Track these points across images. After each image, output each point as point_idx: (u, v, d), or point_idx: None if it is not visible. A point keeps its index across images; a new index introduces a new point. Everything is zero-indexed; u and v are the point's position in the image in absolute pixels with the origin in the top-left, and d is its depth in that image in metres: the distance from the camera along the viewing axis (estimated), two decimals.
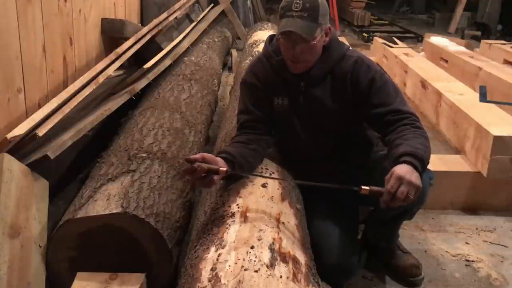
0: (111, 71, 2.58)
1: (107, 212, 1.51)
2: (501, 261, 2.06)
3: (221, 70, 4.11)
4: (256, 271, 1.18)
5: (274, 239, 1.35)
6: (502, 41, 5.67)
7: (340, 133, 1.82)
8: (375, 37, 6.22)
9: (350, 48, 1.82)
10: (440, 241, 2.20)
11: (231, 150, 1.62)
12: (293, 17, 1.61)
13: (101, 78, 2.44)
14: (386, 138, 1.66)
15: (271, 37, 1.87)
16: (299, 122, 1.81)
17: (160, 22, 3.63)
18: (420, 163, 1.46)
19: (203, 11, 5.23)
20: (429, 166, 1.84)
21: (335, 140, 1.83)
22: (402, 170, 1.42)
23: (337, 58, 1.74)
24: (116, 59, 2.73)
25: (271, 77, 1.80)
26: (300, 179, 1.79)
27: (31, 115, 1.95)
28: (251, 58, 3.56)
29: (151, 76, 2.74)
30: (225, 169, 1.48)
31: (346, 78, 1.73)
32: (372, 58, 5.00)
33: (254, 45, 3.95)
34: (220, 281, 1.16)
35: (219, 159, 1.55)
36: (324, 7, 1.65)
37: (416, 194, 1.42)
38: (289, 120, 1.82)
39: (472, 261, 2.05)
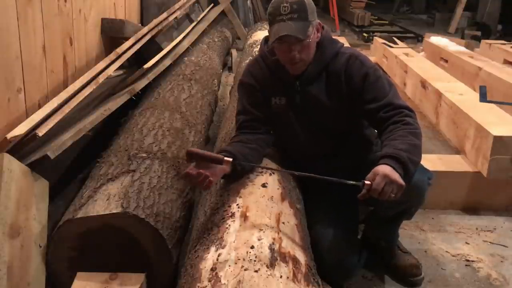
0: (111, 71, 2.57)
1: (107, 212, 1.52)
2: (501, 261, 2.06)
3: (221, 70, 4.12)
4: (256, 271, 1.18)
5: (274, 239, 1.35)
6: (502, 41, 5.66)
7: (337, 131, 1.82)
8: (375, 37, 6.23)
9: (344, 45, 1.83)
10: (440, 241, 2.20)
11: (231, 149, 1.63)
12: (284, 21, 1.62)
13: (101, 78, 2.43)
14: (381, 139, 1.67)
15: (266, 38, 1.88)
16: (297, 121, 1.81)
17: (160, 22, 3.63)
18: (400, 165, 1.47)
19: (203, 11, 5.23)
20: (429, 166, 1.85)
21: (333, 139, 1.83)
22: (385, 169, 1.44)
23: (330, 55, 1.75)
24: (116, 59, 2.73)
25: (268, 77, 1.80)
26: (299, 177, 1.80)
27: (31, 115, 1.95)
28: (251, 58, 3.55)
29: (151, 76, 2.73)
30: (230, 159, 1.49)
31: (341, 75, 1.74)
32: (372, 58, 5.03)
33: (254, 45, 3.95)
34: (220, 281, 1.16)
35: (220, 156, 1.55)
36: (311, 5, 1.66)
37: (399, 193, 1.43)
38: (287, 120, 1.82)
39: (472, 261, 2.05)
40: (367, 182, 1.44)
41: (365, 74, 1.71)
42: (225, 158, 1.49)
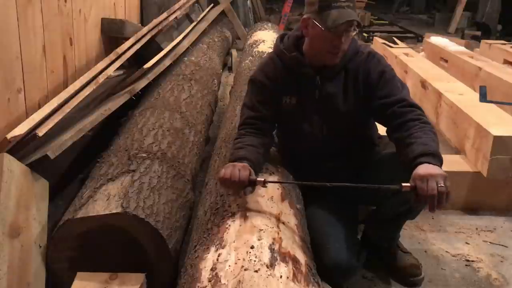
0: (111, 71, 2.57)
1: (107, 212, 1.51)
2: (501, 261, 2.06)
3: (221, 70, 4.11)
4: (256, 271, 1.18)
5: (274, 239, 1.35)
6: (502, 41, 5.67)
7: (346, 131, 1.83)
8: (375, 37, 6.23)
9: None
10: (440, 241, 2.20)
11: (251, 157, 1.62)
12: (342, 7, 1.61)
13: (101, 78, 2.44)
14: (394, 135, 1.66)
15: (282, 36, 1.88)
16: (307, 121, 1.81)
17: (160, 22, 3.64)
18: (436, 159, 1.47)
19: (203, 11, 5.23)
20: None
21: (340, 138, 1.83)
22: (422, 170, 1.43)
23: (352, 53, 1.76)
24: (116, 59, 2.73)
25: (282, 76, 1.80)
26: (304, 177, 1.80)
27: (31, 115, 1.95)
28: (251, 58, 3.56)
29: (151, 76, 2.74)
30: (262, 179, 1.51)
31: (358, 73, 1.75)
32: None
33: (254, 45, 3.95)
34: (220, 281, 1.16)
35: (246, 165, 1.55)
36: None
37: (446, 182, 1.42)
38: (296, 119, 1.82)
39: (472, 261, 2.05)
40: (405, 184, 1.42)
41: (382, 71, 1.73)
42: (258, 179, 1.51)
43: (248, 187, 1.50)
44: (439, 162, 1.48)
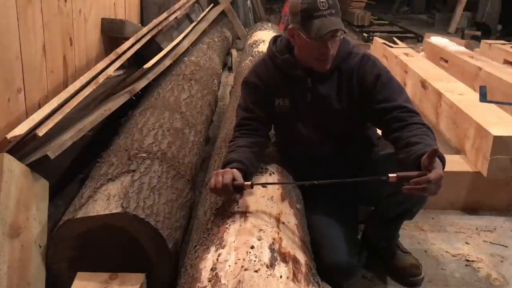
0: (111, 71, 2.58)
1: (107, 212, 1.51)
2: (501, 261, 2.06)
3: (221, 70, 4.12)
4: (256, 271, 1.18)
5: (274, 239, 1.35)
6: (502, 41, 5.66)
7: (342, 132, 1.82)
8: (375, 37, 6.22)
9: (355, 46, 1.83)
10: (440, 241, 2.20)
11: (241, 158, 1.62)
12: (325, 16, 1.60)
13: (101, 78, 2.44)
14: (394, 135, 1.64)
15: (275, 38, 1.88)
16: (301, 122, 1.81)
17: (160, 22, 3.64)
18: (441, 160, 1.48)
19: (203, 11, 5.23)
20: None
21: (337, 140, 1.83)
22: (441, 171, 1.42)
23: (344, 54, 1.75)
24: (116, 59, 2.73)
25: (274, 78, 1.80)
26: (301, 178, 1.80)
27: (31, 115, 1.95)
28: (251, 58, 3.56)
29: (151, 76, 2.74)
30: (249, 183, 1.52)
31: (353, 75, 1.74)
32: None
33: (254, 45, 3.95)
34: (220, 281, 1.16)
35: (235, 170, 1.55)
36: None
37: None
38: (290, 121, 1.82)
39: (472, 261, 2.05)
40: (391, 175, 1.43)
41: (378, 74, 1.71)
42: (245, 183, 1.52)
43: (236, 193, 1.50)
44: (443, 164, 1.48)
